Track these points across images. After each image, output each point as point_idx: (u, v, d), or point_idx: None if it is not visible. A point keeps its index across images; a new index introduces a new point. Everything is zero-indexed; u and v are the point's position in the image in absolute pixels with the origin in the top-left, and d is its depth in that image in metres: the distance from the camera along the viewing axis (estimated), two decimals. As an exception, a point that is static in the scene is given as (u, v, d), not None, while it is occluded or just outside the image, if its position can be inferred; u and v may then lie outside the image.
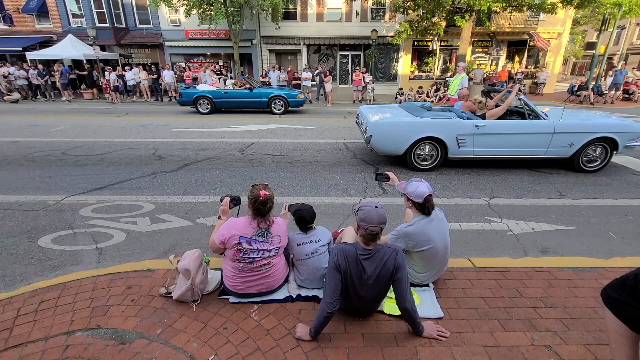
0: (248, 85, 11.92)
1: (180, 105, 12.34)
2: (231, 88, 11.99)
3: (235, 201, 2.61)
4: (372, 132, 5.40)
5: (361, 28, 18.28)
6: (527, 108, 5.43)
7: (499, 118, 5.41)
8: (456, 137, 5.25)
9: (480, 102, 5.64)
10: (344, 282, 2.00)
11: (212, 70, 14.99)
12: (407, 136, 5.31)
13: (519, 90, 5.76)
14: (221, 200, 2.56)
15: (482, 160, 5.60)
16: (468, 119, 5.36)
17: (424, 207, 2.34)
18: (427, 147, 5.41)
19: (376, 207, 1.96)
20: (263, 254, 2.30)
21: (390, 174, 2.92)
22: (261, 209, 2.23)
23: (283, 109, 11.80)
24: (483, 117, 5.43)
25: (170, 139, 7.87)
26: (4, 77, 15.76)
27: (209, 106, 11.74)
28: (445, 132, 5.24)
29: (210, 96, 11.66)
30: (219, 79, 13.88)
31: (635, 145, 5.32)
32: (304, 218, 2.45)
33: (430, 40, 17.04)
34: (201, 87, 12.02)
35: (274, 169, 5.67)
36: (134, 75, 15.74)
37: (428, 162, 5.51)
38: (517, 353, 1.97)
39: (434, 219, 2.37)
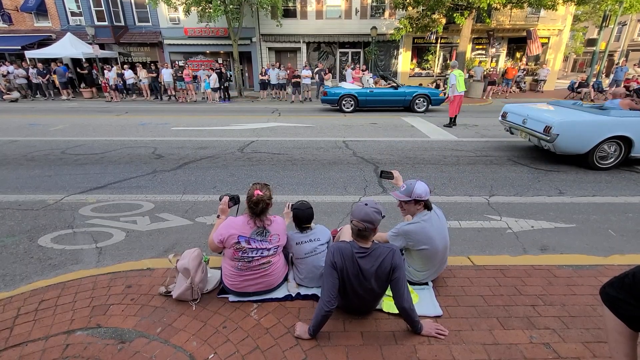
0: (393, 84, 11.99)
1: (323, 103, 12.38)
2: (374, 86, 11.99)
3: (234, 200, 2.61)
4: (559, 132, 5.28)
5: (361, 25, 18.24)
6: None
7: None
8: None
9: None
10: (341, 280, 2.00)
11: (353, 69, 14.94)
12: (596, 134, 5.24)
13: None
14: (220, 199, 2.57)
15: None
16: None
17: (428, 202, 2.38)
18: (610, 146, 5.36)
19: (366, 204, 1.97)
20: (262, 253, 2.31)
21: (395, 172, 2.89)
22: (254, 208, 2.24)
23: (425, 107, 11.70)
24: None
25: (169, 138, 7.86)
26: (3, 76, 15.75)
27: (352, 105, 11.69)
28: (634, 130, 5.18)
29: (356, 95, 11.59)
30: (360, 77, 13.96)
31: None
32: (298, 218, 2.47)
33: (430, 32, 16.92)
34: (346, 86, 12.07)
35: (274, 168, 5.67)
36: (130, 76, 15.71)
37: (609, 161, 5.45)
38: (515, 351, 1.97)
39: (434, 217, 2.37)
